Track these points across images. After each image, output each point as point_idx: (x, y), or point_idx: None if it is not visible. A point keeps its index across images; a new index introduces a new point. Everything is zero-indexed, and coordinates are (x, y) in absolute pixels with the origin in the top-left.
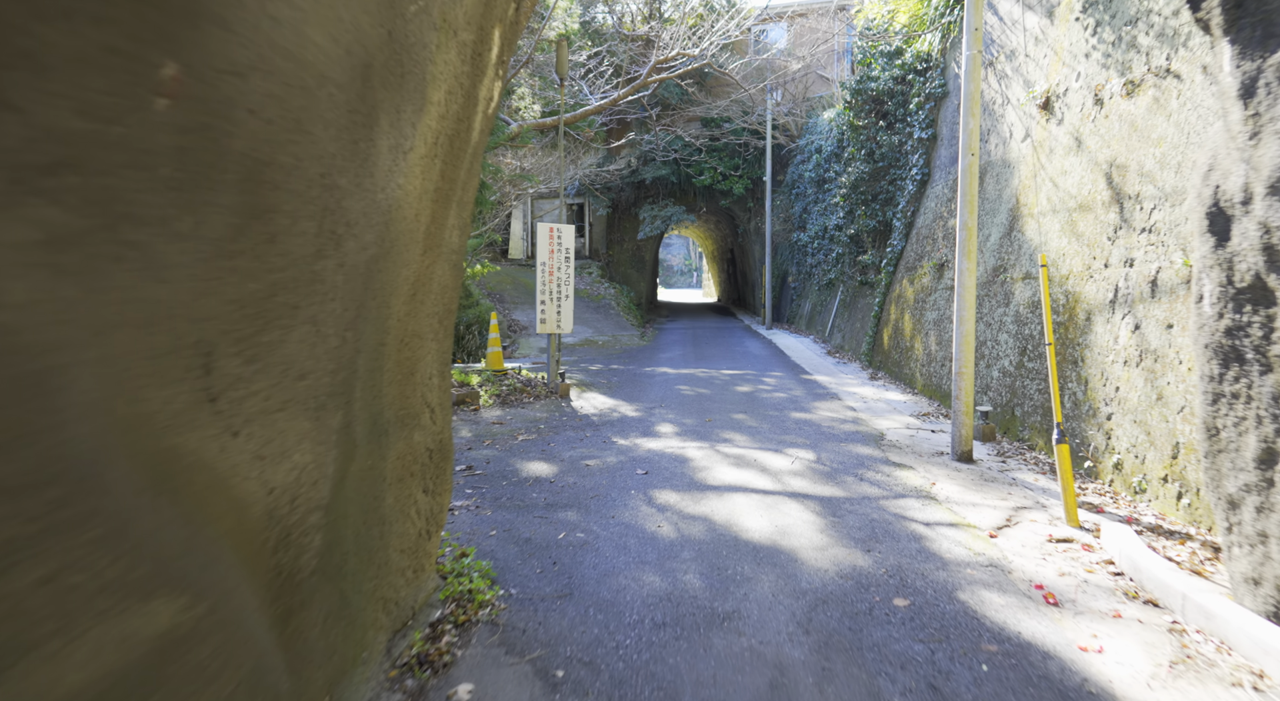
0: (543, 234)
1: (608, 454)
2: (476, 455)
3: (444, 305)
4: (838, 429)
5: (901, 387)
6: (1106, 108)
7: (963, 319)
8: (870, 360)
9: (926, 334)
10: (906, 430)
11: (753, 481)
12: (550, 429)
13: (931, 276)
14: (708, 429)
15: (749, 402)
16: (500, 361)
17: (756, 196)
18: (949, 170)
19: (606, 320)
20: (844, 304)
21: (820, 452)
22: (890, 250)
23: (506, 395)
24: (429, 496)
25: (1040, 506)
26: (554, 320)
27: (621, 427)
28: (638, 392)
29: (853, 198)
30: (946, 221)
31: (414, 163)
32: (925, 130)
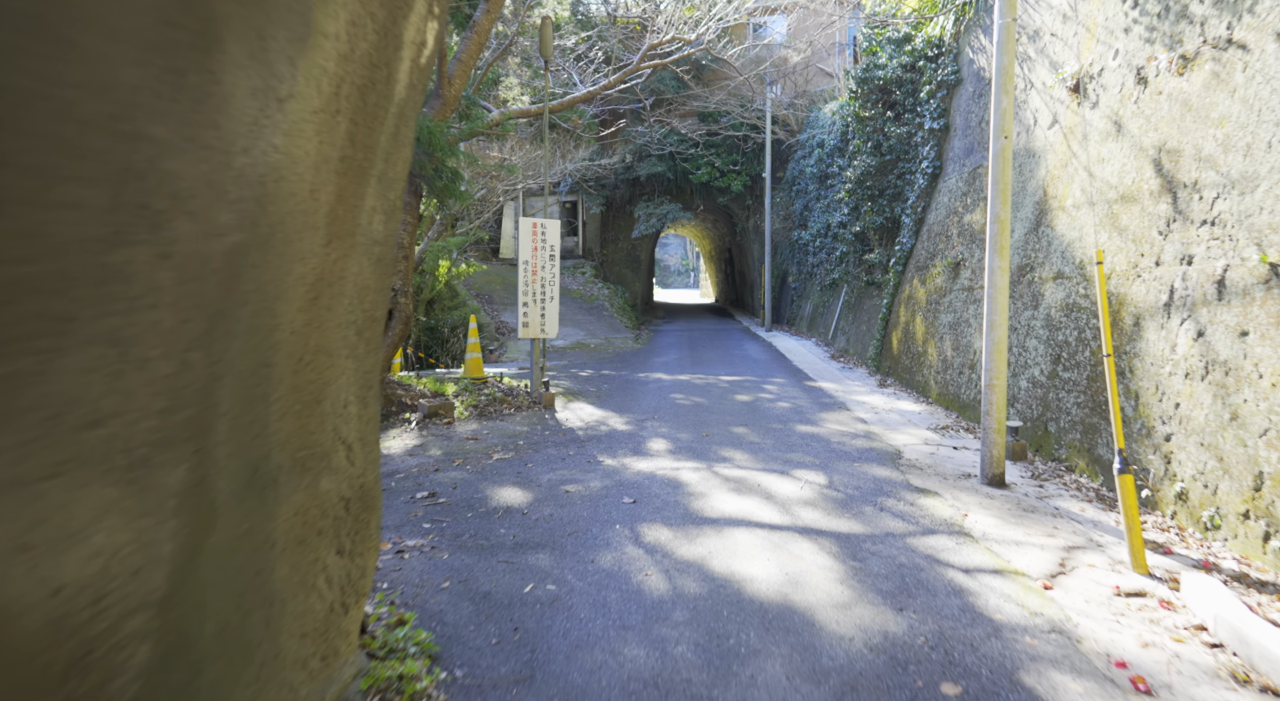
0: (525, 230)
1: (591, 477)
2: (443, 478)
3: (364, 311)
4: (849, 445)
5: (914, 396)
6: (1153, 86)
7: (994, 324)
8: (878, 365)
9: (941, 338)
10: (925, 447)
11: (757, 512)
12: (529, 446)
13: (946, 276)
14: (705, 445)
15: (750, 413)
16: (480, 369)
17: (755, 194)
18: (963, 162)
19: (599, 322)
20: (848, 305)
21: (832, 475)
22: (899, 248)
23: (485, 406)
24: (346, 558)
25: (1095, 545)
26: (538, 324)
27: (609, 444)
28: (629, 402)
29: (858, 193)
30: (962, 217)
31: (300, 117)
32: (937, 120)
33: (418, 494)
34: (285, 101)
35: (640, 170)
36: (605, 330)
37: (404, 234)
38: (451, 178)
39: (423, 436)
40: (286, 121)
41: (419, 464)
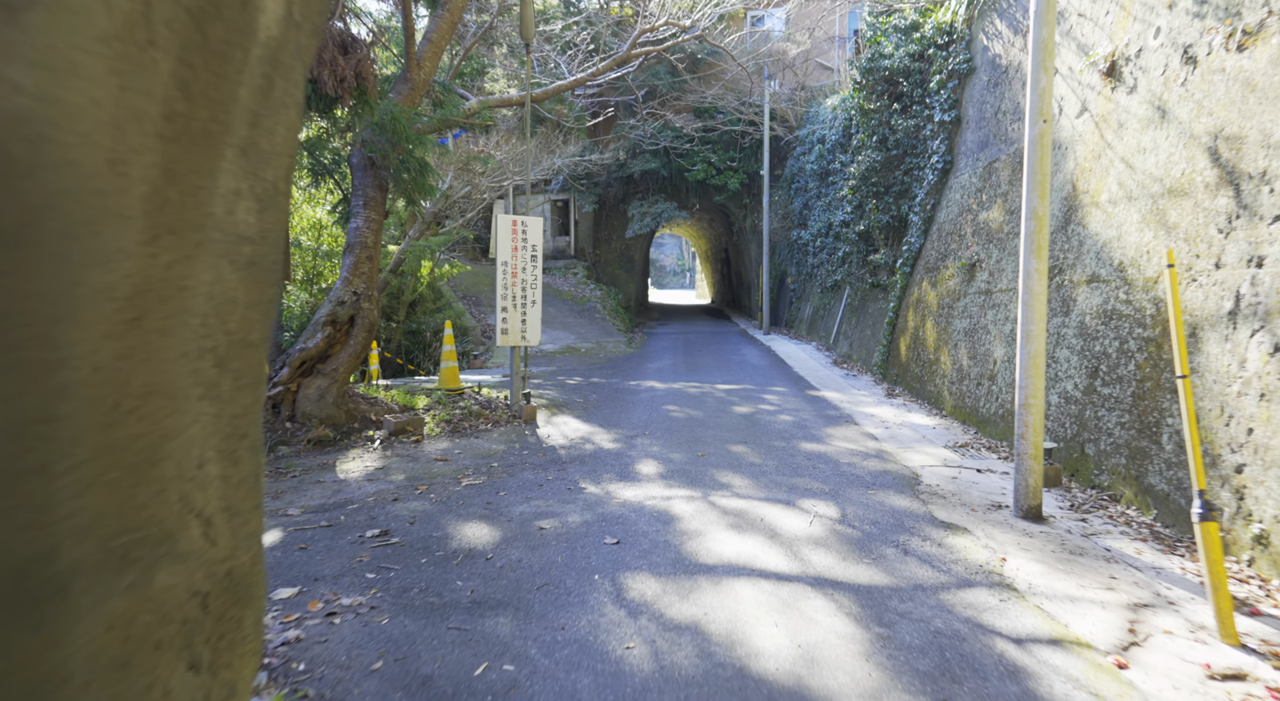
0: (503, 228)
1: (570, 509)
2: (401, 510)
3: (230, 334)
4: (860, 467)
5: (926, 408)
6: (1205, 66)
7: (1030, 335)
8: (884, 373)
9: (955, 346)
10: (945, 469)
11: (760, 556)
12: (504, 468)
13: (960, 278)
14: (700, 468)
15: (749, 428)
16: (455, 379)
17: (753, 192)
18: (977, 156)
19: (591, 325)
20: (851, 308)
21: (844, 505)
22: (906, 248)
23: (459, 421)
24: (204, 675)
25: (1166, 603)
26: (518, 330)
27: (593, 466)
28: (618, 415)
29: (863, 190)
30: (977, 215)
31: (71, 43)
32: (947, 112)
33: (368, 531)
34: (27, 10)
35: (634, 167)
36: (597, 333)
37: (367, 232)
38: (420, 170)
39: (386, 457)
40: (37, 46)
41: (377, 492)
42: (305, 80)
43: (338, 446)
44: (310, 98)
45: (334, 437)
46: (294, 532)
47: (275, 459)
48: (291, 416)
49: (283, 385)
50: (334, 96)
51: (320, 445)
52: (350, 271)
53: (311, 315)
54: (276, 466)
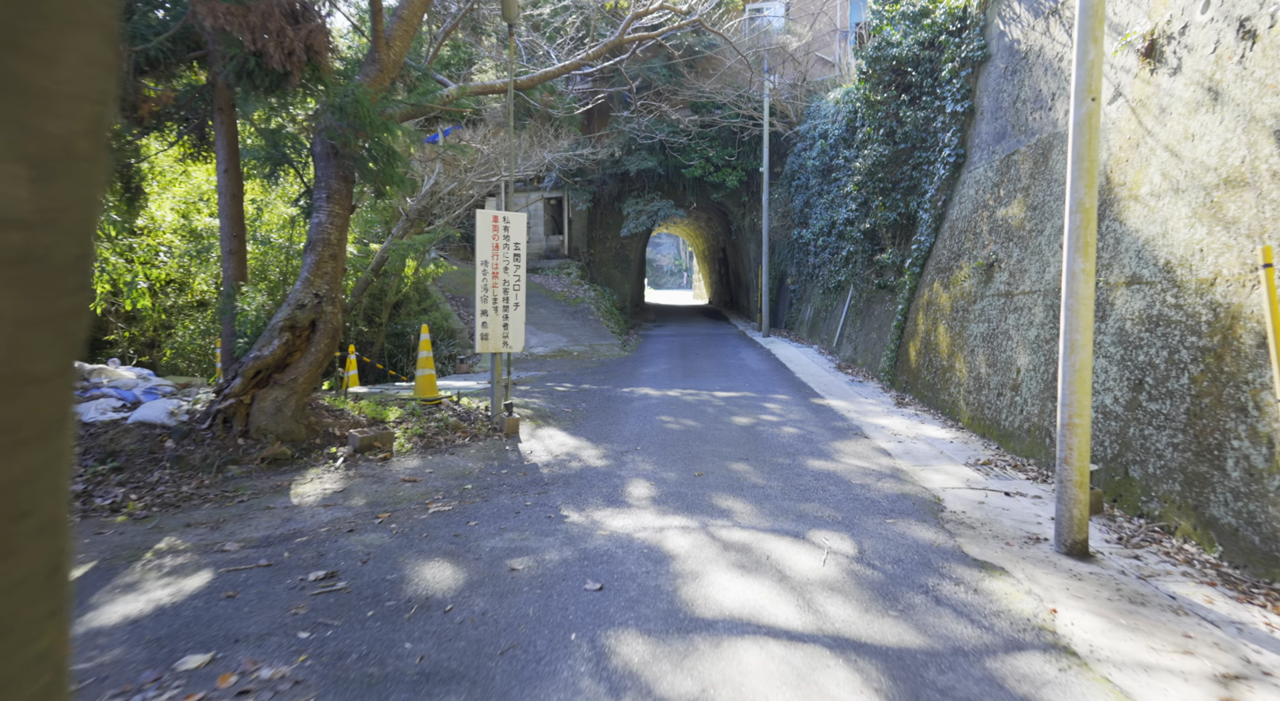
0: (483, 224)
1: (549, 543)
2: (355, 545)
3: None
4: (874, 489)
5: (940, 419)
6: (1266, 40)
7: (1075, 345)
8: (893, 380)
9: (972, 352)
10: (970, 492)
11: (768, 607)
12: (479, 491)
13: (976, 280)
14: (697, 490)
15: (750, 442)
16: (433, 388)
17: (751, 190)
18: (993, 149)
19: (584, 327)
20: (856, 310)
21: (860, 538)
22: (916, 248)
23: (433, 435)
24: None
25: (1260, 672)
26: (499, 336)
27: (579, 488)
28: (609, 427)
29: (868, 186)
30: (994, 211)
31: None
32: (960, 102)
33: (312, 574)
34: None
35: (629, 164)
36: (590, 336)
37: (331, 228)
38: (388, 159)
39: (348, 478)
40: None
41: (332, 521)
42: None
43: (295, 465)
44: (254, 73)
45: (292, 455)
46: (224, 575)
47: (223, 481)
48: (245, 432)
49: (235, 397)
50: (281, 72)
51: (276, 464)
52: (311, 271)
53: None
54: (223, 490)
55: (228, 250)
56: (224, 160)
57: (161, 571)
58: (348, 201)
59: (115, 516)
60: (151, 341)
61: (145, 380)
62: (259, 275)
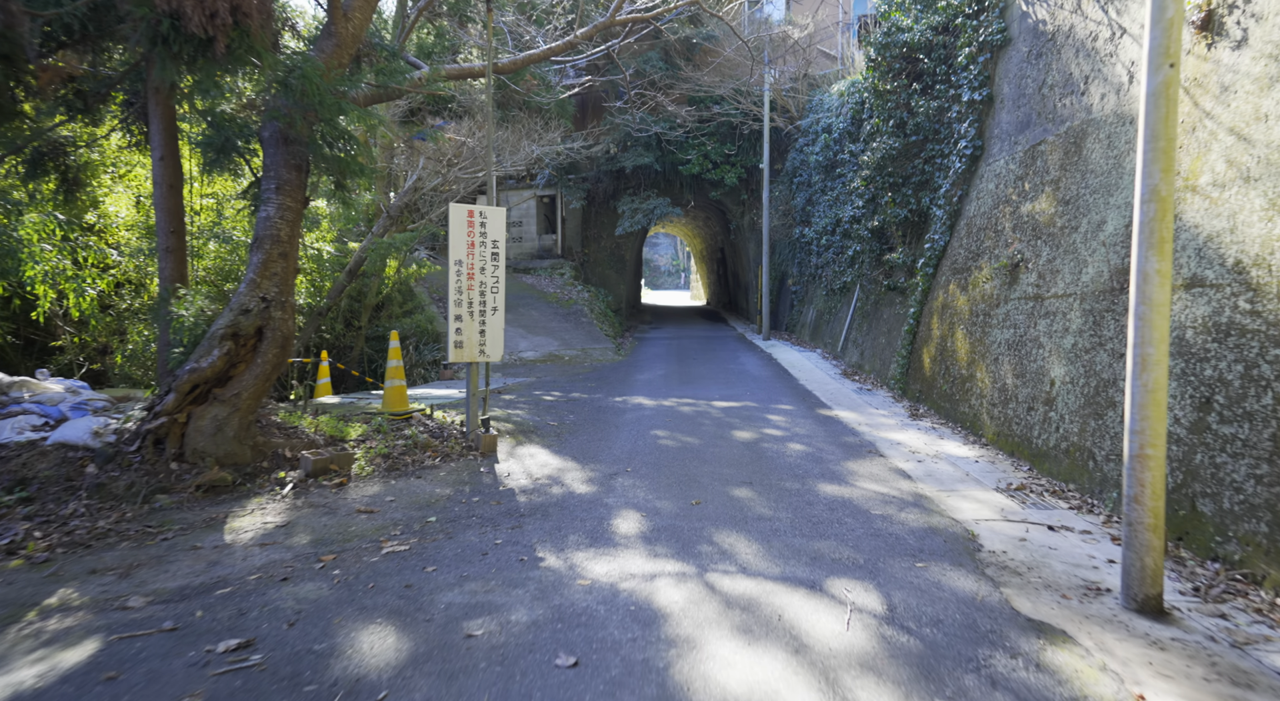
0: (456, 219)
1: (517, 599)
2: (286, 599)
3: None
4: (898, 522)
5: (960, 433)
6: None
7: (1147, 361)
8: (904, 388)
9: (997, 361)
10: (1007, 525)
11: (783, 693)
12: (443, 525)
13: (999, 281)
14: (694, 524)
15: (753, 462)
16: (403, 400)
17: (751, 187)
18: (1015, 140)
19: (577, 330)
20: (862, 313)
21: (888, 588)
22: (929, 247)
23: (399, 456)
24: None
25: None
26: (475, 344)
27: (558, 522)
28: (597, 443)
29: (877, 181)
30: (1018, 207)
31: None
32: (978, 90)
33: (222, 643)
34: None
35: (625, 161)
36: (582, 339)
37: (280, 222)
38: (346, 145)
39: (295, 509)
40: None
41: (265, 565)
42: None
43: (236, 494)
44: (170, 38)
45: (233, 482)
46: (115, 645)
47: (149, 513)
48: (179, 455)
49: (168, 416)
50: (204, 37)
51: (214, 492)
52: (258, 272)
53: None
54: (146, 524)
55: (164, 248)
56: (159, 146)
57: (39, 639)
58: (301, 193)
59: (10, 560)
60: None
61: (75, 394)
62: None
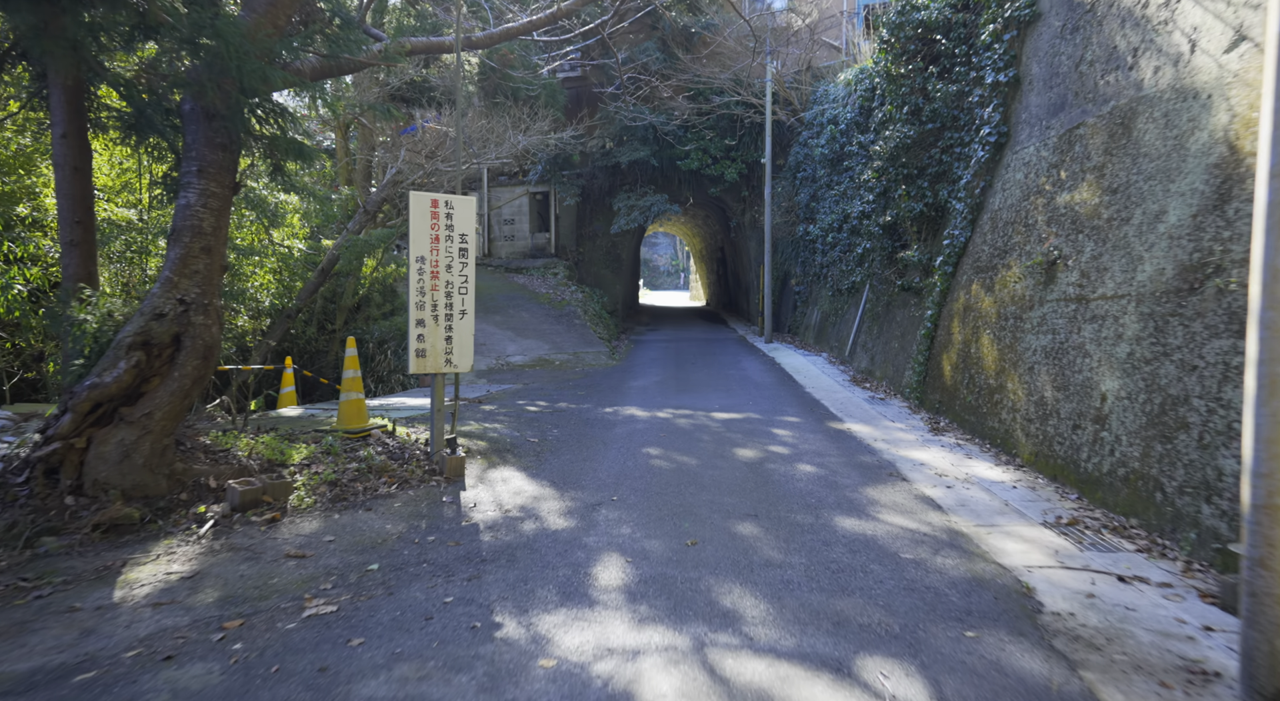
0: (418, 209)
1: (458, 692)
2: (155, 693)
3: None
4: (934, 569)
5: (990, 452)
6: None
7: (1276, 384)
8: (922, 398)
9: (1031, 370)
10: (1067, 573)
11: None
12: (385, 577)
13: (1033, 281)
14: (691, 573)
15: (759, 488)
16: (359, 416)
17: (752, 183)
18: (1047, 124)
19: (569, 333)
20: (872, 315)
21: (936, 673)
22: (948, 243)
23: (349, 482)
24: None
25: None
26: (439, 352)
27: (526, 572)
28: (581, 465)
29: (889, 173)
30: (1053, 198)
31: None
32: (1003, 71)
33: None
34: None
35: (620, 156)
36: (575, 342)
37: (203, 211)
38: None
39: (210, 554)
40: None
41: (150, 637)
42: None
43: (143, 534)
44: None
45: (141, 518)
46: None
47: (30, 560)
48: (77, 487)
49: (63, 440)
50: None
51: (116, 532)
52: (176, 269)
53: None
54: (20, 576)
55: (67, 241)
56: (61, 122)
57: None
58: (228, 177)
59: None
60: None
61: None
62: None
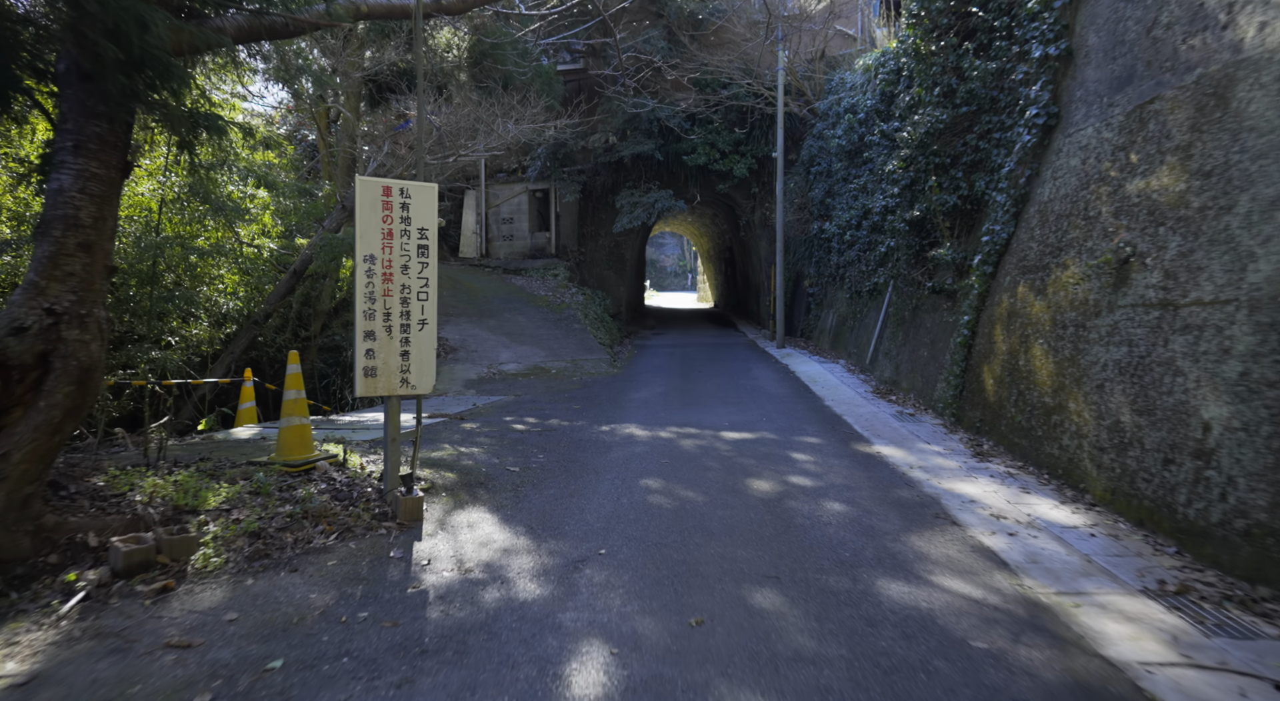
0: (366, 197)
1: None
2: None
3: None
4: (1019, 668)
5: (1051, 484)
6: None
7: None
8: (958, 415)
9: (1102, 389)
10: (1200, 676)
11: None
12: (287, 680)
13: (1099, 282)
14: (693, 672)
15: (780, 537)
16: (304, 444)
17: (762, 180)
18: (1110, 100)
19: (568, 338)
20: (897, 319)
21: None
22: (988, 239)
23: (277, 532)
24: None
25: None
26: (393, 371)
27: (475, 673)
28: (566, 503)
29: (919, 163)
30: (1121, 185)
31: None
32: (1053, 43)
33: None
34: None
35: (624, 150)
36: (573, 349)
37: (81, 198)
38: (176, 85)
39: (65, 644)
40: None
41: None
42: None
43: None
44: None
45: None
46: None
47: None
48: None
49: None
50: None
51: None
52: (44, 271)
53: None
54: None
55: None
56: None
57: None
58: (115, 156)
59: None
60: None
61: None
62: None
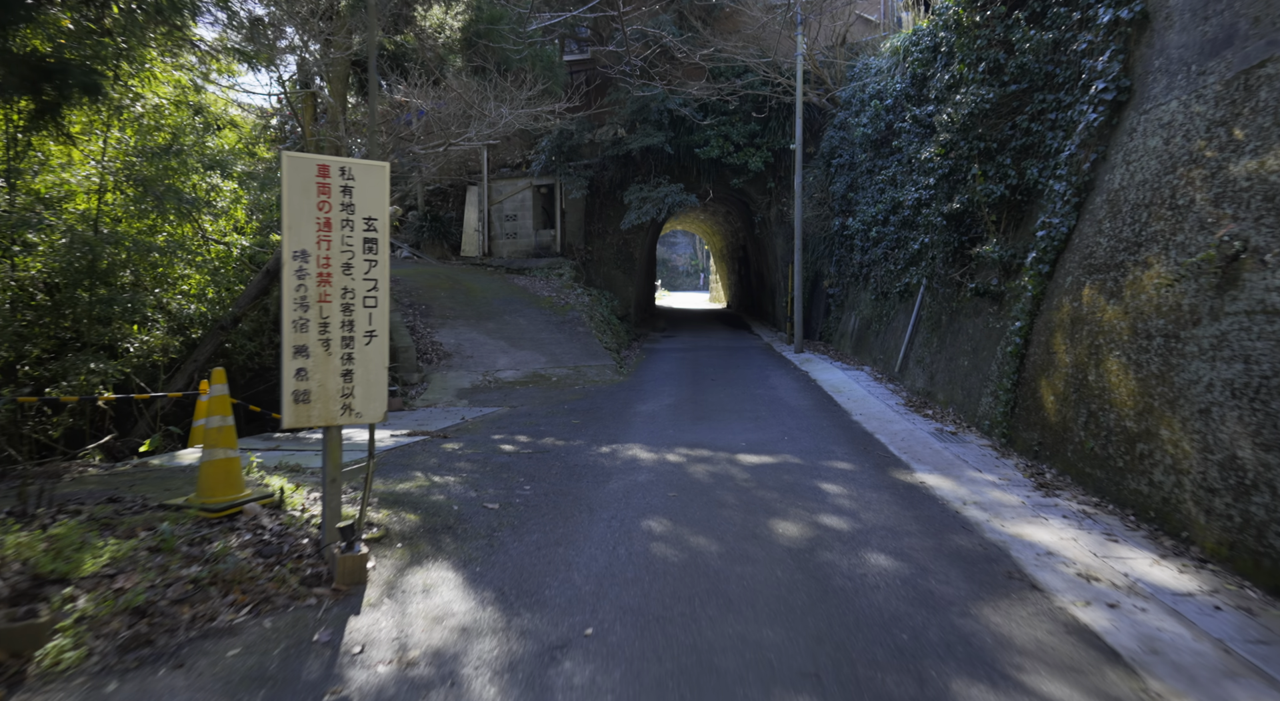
0: (295, 180)
1: None
2: None
3: None
4: None
5: (1140, 528)
6: None
7: None
8: (1009, 435)
9: (1207, 414)
10: None
11: None
12: None
13: (1194, 284)
14: None
15: (815, 608)
16: (231, 481)
17: (779, 174)
18: (1199, 68)
19: (571, 342)
20: (931, 323)
21: None
22: (1043, 234)
23: (168, 607)
24: None
25: None
26: (332, 395)
27: None
28: (550, 554)
29: (960, 148)
30: (1224, 167)
31: None
32: (1124, 5)
33: None
34: None
35: (632, 143)
36: (576, 354)
37: None
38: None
39: None
40: None
41: None
42: None
43: None
44: None
45: None
46: None
47: None
48: None
49: None
50: None
51: None
52: None
53: None
54: None
55: None
56: None
57: None
58: None
59: None
60: None
61: None
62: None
